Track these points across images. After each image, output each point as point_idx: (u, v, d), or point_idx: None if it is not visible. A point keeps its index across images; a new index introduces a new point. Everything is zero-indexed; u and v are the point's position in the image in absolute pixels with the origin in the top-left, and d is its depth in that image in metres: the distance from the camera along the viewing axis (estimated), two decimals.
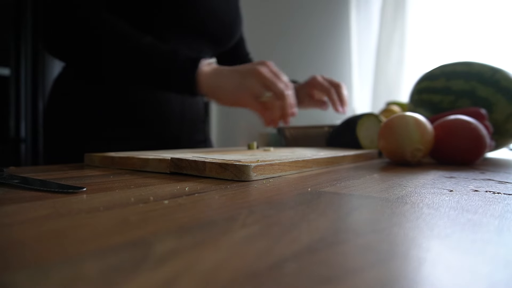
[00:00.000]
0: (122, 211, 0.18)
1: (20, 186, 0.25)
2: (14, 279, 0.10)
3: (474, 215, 0.19)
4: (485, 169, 0.42)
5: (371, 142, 0.64)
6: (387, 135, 0.46)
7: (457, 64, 0.69)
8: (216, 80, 0.52)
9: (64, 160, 0.58)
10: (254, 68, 0.51)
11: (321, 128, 0.79)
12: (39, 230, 0.15)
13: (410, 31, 1.67)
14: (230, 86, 0.52)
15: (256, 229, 0.15)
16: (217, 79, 0.52)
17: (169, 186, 0.27)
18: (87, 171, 0.36)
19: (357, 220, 0.18)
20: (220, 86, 0.52)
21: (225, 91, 0.52)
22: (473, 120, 0.47)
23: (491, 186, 0.29)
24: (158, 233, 0.15)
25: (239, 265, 0.11)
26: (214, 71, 0.53)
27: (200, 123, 0.74)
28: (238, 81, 0.51)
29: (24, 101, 1.65)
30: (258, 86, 0.51)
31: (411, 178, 0.33)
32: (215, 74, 0.53)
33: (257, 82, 0.51)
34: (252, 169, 0.30)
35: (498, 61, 0.73)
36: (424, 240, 0.14)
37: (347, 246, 0.13)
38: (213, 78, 0.52)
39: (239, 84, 0.51)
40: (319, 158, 0.41)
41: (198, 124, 0.73)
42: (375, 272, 0.11)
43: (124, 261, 0.11)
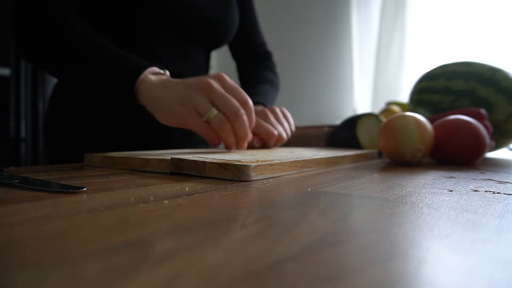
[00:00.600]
0: (122, 211, 0.18)
1: (20, 186, 0.25)
2: (14, 279, 0.10)
3: (474, 215, 0.19)
4: (485, 169, 0.42)
5: (371, 142, 0.64)
6: (387, 135, 0.46)
7: (457, 64, 0.69)
8: (157, 91, 0.44)
9: (64, 161, 0.59)
10: (202, 81, 0.43)
11: (321, 128, 0.79)
12: (39, 230, 0.15)
13: (410, 31, 1.67)
14: (170, 99, 0.43)
15: (256, 229, 0.15)
16: (158, 90, 0.45)
17: (169, 186, 0.27)
18: (87, 171, 0.36)
19: (357, 220, 0.18)
20: (158, 98, 0.44)
21: (163, 104, 0.44)
22: (473, 120, 0.47)
23: (491, 186, 0.29)
24: (158, 233, 0.15)
25: (239, 265, 0.11)
26: (159, 82, 0.45)
27: None
28: (181, 94, 0.43)
29: (24, 101, 1.65)
30: (203, 101, 0.42)
31: (411, 178, 0.33)
32: (159, 84, 0.45)
33: (202, 96, 0.42)
34: (252, 169, 0.30)
35: (498, 61, 0.73)
36: (424, 240, 0.14)
37: (347, 246, 0.13)
38: (155, 89, 0.45)
39: (180, 97, 0.43)
40: (319, 158, 0.41)
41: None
42: (375, 272, 0.11)
43: (124, 261, 0.11)
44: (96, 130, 0.61)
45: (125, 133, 0.63)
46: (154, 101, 0.45)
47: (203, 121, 0.43)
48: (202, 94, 0.43)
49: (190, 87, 0.44)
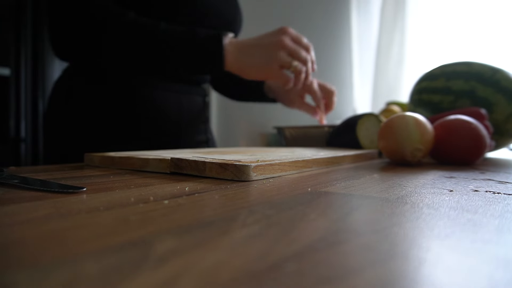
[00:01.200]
0: (122, 211, 0.18)
1: (20, 186, 0.25)
2: (14, 279, 0.10)
3: (474, 215, 0.19)
4: (485, 169, 0.42)
5: (371, 142, 0.64)
6: (387, 135, 0.46)
7: (457, 64, 0.69)
8: (242, 56, 0.53)
9: (64, 161, 0.58)
10: (278, 40, 0.52)
11: (321, 128, 0.79)
12: (39, 230, 0.15)
13: (410, 31, 1.67)
14: (257, 62, 0.52)
15: (256, 229, 0.15)
16: (243, 55, 0.53)
17: (169, 186, 0.27)
18: (87, 171, 0.36)
19: (357, 220, 0.18)
20: (247, 61, 0.53)
21: (253, 66, 0.53)
22: (473, 120, 0.47)
23: (491, 186, 0.29)
24: (158, 233, 0.15)
25: (239, 265, 0.11)
26: (238, 47, 0.53)
27: (200, 123, 0.73)
28: (265, 56, 0.52)
29: (24, 101, 1.65)
30: (285, 58, 0.52)
31: (411, 178, 0.33)
32: (240, 49, 0.53)
33: (283, 53, 0.52)
34: (252, 169, 0.30)
35: (498, 61, 0.73)
36: (424, 240, 0.14)
37: (347, 246, 0.13)
38: (238, 54, 0.53)
39: (266, 59, 0.52)
40: (319, 158, 0.41)
41: (199, 125, 0.73)
42: (375, 272, 0.11)
43: (124, 261, 0.11)
44: (95, 131, 0.61)
45: (124, 135, 0.62)
46: (243, 63, 0.53)
47: (284, 73, 0.55)
48: (282, 52, 0.53)
49: (270, 49, 0.53)
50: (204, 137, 0.75)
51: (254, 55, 0.53)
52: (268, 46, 0.53)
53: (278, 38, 0.53)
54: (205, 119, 0.75)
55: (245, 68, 0.53)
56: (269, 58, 0.52)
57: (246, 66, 0.53)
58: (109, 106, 0.61)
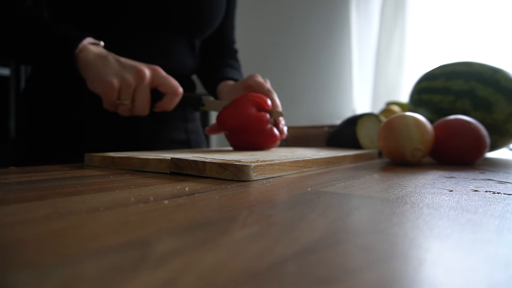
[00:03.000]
0: (122, 211, 0.18)
1: (21, 186, 0.25)
2: (14, 279, 0.10)
3: (474, 215, 0.19)
4: (485, 169, 0.42)
5: (371, 142, 0.64)
6: (387, 135, 0.46)
7: (457, 64, 0.69)
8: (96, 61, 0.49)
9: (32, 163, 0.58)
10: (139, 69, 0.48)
11: (321, 128, 0.79)
12: (39, 230, 0.15)
13: (410, 30, 1.67)
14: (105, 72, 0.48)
15: (256, 229, 0.15)
16: (97, 60, 0.49)
17: (169, 186, 0.27)
18: (87, 171, 0.36)
19: (357, 220, 0.18)
20: (95, 68, 0.49)
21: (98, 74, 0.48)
22: (473, 120, 0.47)
23: (491, 186, 0.29)
24: (158, 233, 0.15)
25: (239, 265, 0.11)
26: (98, 53, 0.50)
27: (177, 121, 0.69)
28: (116, 71, 0.48)
29: None
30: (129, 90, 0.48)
31: (411, 178, 0.33)
32: (98, 55, 0.50)
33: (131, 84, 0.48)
34: (252, 169, 0.30)
35: (498, 61, 0.73)
36: (424, 240, 0.14)
37: (347, 246, 0.13)
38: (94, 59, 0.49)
39: (114, 75, 0.48)
40: (319, 158, 0.41)
41: (176, 123, 0.69)
42: (375, 272, 0.11)
43: (124, 261, 0.11)
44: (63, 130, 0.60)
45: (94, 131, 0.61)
46: (90, 69, 0.49)
47: (115, 101, 0.49)
48: (134, 81, 0.48)
49: (127, 69, 0.49)
50: (183, 136, 0.71)
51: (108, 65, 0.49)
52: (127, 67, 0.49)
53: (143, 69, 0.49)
54: (184, 117, 0.71)
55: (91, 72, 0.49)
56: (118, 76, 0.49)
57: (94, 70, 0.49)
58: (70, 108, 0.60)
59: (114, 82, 0.48)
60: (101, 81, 0.48)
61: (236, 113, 0.51)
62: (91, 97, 0.60)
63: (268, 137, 0.52)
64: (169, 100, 0.52)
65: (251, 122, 0.51)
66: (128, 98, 0.49)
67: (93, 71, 0.49)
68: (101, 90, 0.49)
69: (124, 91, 0.49)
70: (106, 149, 0.57)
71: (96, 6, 0.57)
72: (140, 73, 0.48)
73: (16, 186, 0.26)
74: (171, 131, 0.68)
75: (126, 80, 0.48)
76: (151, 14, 0.60)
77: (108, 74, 0.48)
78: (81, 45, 0.50)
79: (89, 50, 0.50)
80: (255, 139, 0.52)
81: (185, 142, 0.71)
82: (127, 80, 0.48)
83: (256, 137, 0.52)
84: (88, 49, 0.50)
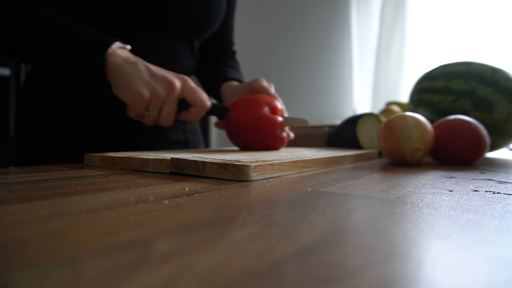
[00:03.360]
0: (122, 211, 0.18)
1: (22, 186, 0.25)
2: (14, 279, 0.10)
3: (474, 215, 0.19)
4: (485, 169, 0.42)
5: (371, 142, 0.64)
6: (387, 135, 0.46)
7: (457, 64, 0.69)
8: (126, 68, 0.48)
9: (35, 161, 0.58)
10: (170, 82, 0.47)
11: (321, 128, 0.79)
12: (39, 230, 0.15)
13: (410, 30, 1.68)
14: (136, 83, 0.47)
15: (256, 229, 0.15)
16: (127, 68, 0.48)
17: (169, 186, 0.27)
18: (87, 171, 0.36)
19: (357, 220, 0.18)
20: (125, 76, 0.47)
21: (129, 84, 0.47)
22: (473, 120, 0.47)
23: (491, 186, 0.29)
24: (158, 233, 0.15)
25: (239, 265, 0.11)
26: (128, 59, 0.48)
27: (176, 122, 0.68)
28: (147, 83, 0.47)
29: None
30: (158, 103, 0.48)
31: (411, 178, 0.33)
32: (128, 62, 0.48)
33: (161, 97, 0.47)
34: (252, 169, 0.30)
35: (498, 61, 0.73)
36: (424, 240, 0.14)
37: (347, 246, 0.13)
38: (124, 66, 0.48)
39: (145, 86, 0.47)
40: (319, 158, 0.41)
41: (174, 124, 0.67)
42: (375, 272, 0.11)
43: (124, 261, 0.11)
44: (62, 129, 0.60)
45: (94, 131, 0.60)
46: (120, 75, 0.48)
47: (142, 112, 0.49)
48: (165, 93, 0.47)
49: (158, 80, 0.47)
50: (181, 136, 0.70)
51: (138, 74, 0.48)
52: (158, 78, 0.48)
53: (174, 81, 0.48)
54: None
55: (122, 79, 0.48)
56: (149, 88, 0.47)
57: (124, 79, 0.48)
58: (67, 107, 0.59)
59: (145, 93, 0.47)
60: (131, 91, 0.47)
61: (250, 113, 0.51)
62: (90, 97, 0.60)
63: (277, 139, 0.53)
64: (195, 112, 0.51)
65: (264, 124, 0.51)
66: (156, 109, 0.49)
67: (122, 78, 0.48)
68: (130, 100, 0.47)
69: (154, 103, 0.48)
70: (106, 149, 0.57)
71: (96, 6, 0.57)
72: (171, 86, 0.47)
73: (16, 186, 0.26)
74: (170, 132, 0.68)
75: (156, 92, 0.47)
76: (151, 14, 0.59)
77: (139, 84, 0.47)
78: (110, 50, 0.48)
79: (117, 54, 0.49)
80: (265, 140, 0.52)
81: (183, 142, 0.71)
82: (157, 92, 0.47)
83: (266, 138, 0.52)
84: (117, 53, 0.49)
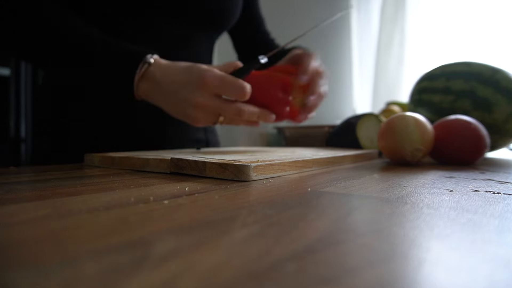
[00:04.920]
0: (122, 211, 0.18)
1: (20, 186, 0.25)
2: (14, 279, 0.10)
3: (474, 215, 0.19)
4: (485, 169, 0.42)
5: (371, 142, 0.64)
6: (387, 135, 0.46)
7: (457, 64, 0.69)
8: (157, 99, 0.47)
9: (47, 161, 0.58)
10: (194, 102, 0.45)
11: (321, 128, 0.79)
12: (39, 230, 0.15)
13: (410, 30, 1.67)
14: (175, 113, 0.47)
15: (256, 229, 0.15)
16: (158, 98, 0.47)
17: (169, 186, 0.27)
18: (87, 171, 0.36)
19: (357, 220, 0.18)
20: (163, 106, 0.48)
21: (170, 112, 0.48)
22: (473, 120, 0.47)
23: (491, 186, 0.29)
24: (158, 233, 0.15)
25: (239, 265, 0.11)
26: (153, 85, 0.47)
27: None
28: (182, 113, 0.47)
29: (24, 101, 1.65)
30: (205, 119, 0.47)
31: (411, 178, 0.33)
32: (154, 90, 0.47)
33: (203, 113, 0.46)
34: (252, 169, 0.30)
35: (498, 61, 0.73)
36: (424, 240, 0.14)
37: (347, 246, 0.13)
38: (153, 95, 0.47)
39: (184, 117, 0.47)
40: (319, 158, 0.41)
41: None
42: (375, 272, 0.11)
43: (124, 261, 0.11)
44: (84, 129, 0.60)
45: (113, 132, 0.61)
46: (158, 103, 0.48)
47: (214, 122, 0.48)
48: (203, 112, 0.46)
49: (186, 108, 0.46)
50: (202, 136, 0.72)
51: (170, 105, 0.47)
52: (183, 102, 0.45)
53: (194, 98, 0.44)
54: None
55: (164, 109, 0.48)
56: (187, 116, 0.46)
57: (164, 109, 0.48)
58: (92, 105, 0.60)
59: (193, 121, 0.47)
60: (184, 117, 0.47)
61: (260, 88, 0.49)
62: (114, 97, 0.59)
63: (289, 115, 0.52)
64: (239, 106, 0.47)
65: (272, 104, 0.50)
66: (215, 120, 0.47)
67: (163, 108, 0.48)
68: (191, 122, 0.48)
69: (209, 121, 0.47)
70: (132, 148, 0.58)
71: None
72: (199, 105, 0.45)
73: (16, 186, 0.26)
74: (192, 131, 0.69)
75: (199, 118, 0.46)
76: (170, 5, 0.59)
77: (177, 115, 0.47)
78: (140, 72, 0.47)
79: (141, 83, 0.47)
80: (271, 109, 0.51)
81: (204, 141, 0.72)
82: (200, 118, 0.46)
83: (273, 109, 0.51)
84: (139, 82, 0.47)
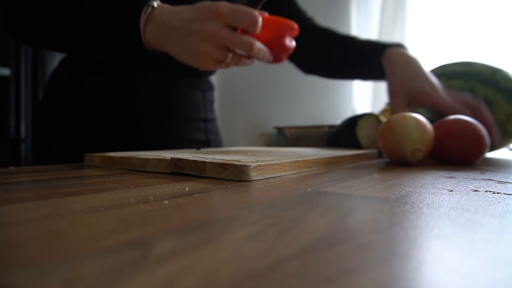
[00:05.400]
0: (122, 211, 0.18)
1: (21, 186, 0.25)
2: (13, 279, 0.10)
3: (474, 215, 0.19)
4: (485, 169, 0.42)
5: (371, 142, 0.64)
6: (387, 135, 0.46)
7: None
8: (165, 40, 0.45)
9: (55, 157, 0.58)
10: (205, 32, 0.42)
11: (321, 128, 0.79)
12: (39, 230, 0.15)
13: (410, 30, 1.67)
14: (183, 51, 0.44)
15: (256, 229, 0.15)
16: (166, 39, 0.45)
17: (169, 186, 0.27)
18: (87, 171, 0.36)
19: (357, 220, 0.18)
20: (171, 48, 0.45)
21: (179, 54, 0.45)
22: (473, 120, 0.47)
23: (491, 186, 0.29)
24: (158, 233, 0.15)
25: (239, 265, 0.11)
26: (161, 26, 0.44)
27: (199, 121, 0.70)
28: (190, 47, 0.43)
29: (24, 101, 1.65)
30: (215, 53, 0.43)
31: (411, 178, 0.33)
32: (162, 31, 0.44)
33: (214, 46, 0.43)
34: (252, 169, 0.30)
35: (498, 61, 0.72)
36: (424, 240, 0.14)
37: (347, 246, 0.13)
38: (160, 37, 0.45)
39: (193, 52, 0.44)
40: (319, 158, 0.41)
41: (197, 123, 0.70)
42: (375, 272, 0.11)
43: (124, 261, 0.11)
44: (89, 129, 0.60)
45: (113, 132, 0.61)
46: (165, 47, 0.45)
47: (221, 64, 0.45)
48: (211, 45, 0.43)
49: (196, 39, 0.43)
50: (203, 136, 0.72)
51: (178, 42, 0.44)
52: (193, 36, 0.43)
53: (205, 28, 0.42)
54: (204, 117, 0.72)
55: (172, 53, 0.46)
56: (197, 52, 0.44)
57: (172, 52, 0.45)
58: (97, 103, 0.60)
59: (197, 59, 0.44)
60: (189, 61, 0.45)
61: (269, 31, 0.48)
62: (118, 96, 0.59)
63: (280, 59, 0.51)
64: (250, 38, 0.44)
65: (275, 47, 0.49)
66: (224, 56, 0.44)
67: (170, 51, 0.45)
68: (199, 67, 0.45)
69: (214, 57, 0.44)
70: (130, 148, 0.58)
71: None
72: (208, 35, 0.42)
73: (16, 186, 0.26)
74: (192, 131, 0.69)
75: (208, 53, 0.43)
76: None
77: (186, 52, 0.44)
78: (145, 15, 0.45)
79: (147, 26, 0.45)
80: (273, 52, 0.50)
81: (205, 142, 0.72)
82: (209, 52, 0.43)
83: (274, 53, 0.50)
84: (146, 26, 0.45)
